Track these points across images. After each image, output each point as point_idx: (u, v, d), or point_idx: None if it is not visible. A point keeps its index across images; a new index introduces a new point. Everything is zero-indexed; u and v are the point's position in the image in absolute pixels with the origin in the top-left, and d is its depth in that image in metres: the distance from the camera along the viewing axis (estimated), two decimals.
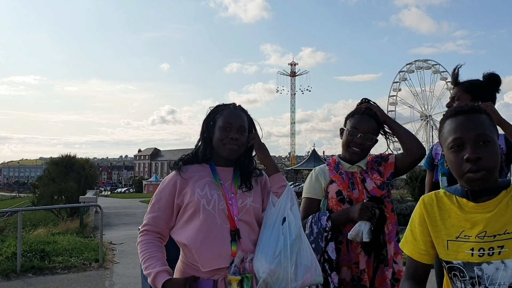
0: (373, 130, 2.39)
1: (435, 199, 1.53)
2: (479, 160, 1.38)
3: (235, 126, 2.04)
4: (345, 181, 2.35)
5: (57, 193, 27.58)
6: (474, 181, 1.40)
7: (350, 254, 2.29)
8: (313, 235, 2.30)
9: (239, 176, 2.09)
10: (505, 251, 1.37)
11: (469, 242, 1.42)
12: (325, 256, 2.23)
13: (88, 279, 6.79)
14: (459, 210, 1.47)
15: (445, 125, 1.49)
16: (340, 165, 2.43)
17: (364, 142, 2.37)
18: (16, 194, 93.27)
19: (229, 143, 2.02)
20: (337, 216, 2.30)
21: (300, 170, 53.53)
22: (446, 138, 1.46)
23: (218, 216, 1.96)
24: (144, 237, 2.01)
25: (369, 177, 2.37)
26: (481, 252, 1.39)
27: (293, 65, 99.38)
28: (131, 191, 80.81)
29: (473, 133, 1.40)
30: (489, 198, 1.43)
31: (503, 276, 1.37)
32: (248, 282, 1.89)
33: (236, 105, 2.14)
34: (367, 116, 2.40)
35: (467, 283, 1.42)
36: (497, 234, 1.38)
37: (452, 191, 1.52)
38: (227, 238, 1.95)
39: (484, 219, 1.41)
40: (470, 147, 1.39)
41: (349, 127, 2.41)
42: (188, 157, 2.10)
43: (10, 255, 7.44)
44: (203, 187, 2.00)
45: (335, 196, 2.35)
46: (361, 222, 2.21)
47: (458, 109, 1.48)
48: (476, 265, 1.40)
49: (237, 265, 1.90)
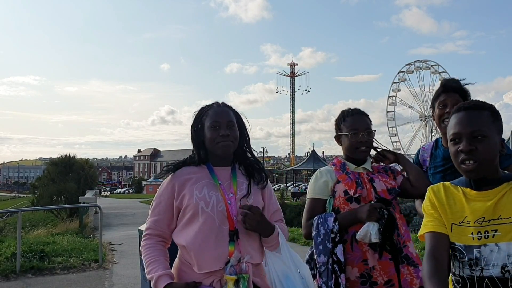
0: (370, 125, 2.48)
1: (442, 188, 1.67)
2: (472, 152, 1.54)
3: (223, 123, 2.04)
4: (352, 180, 2.36)
5: (56, 193, 27.61)
6: (468, 171, 1.56)
7: (356, 253, 2.28)
8: (320, 236, 2.30)
9: (245, 172, 2.10)
10: (499, 235, 1.51)
11: (470, 227, 1.56)
12: (334, 257, 2.23)
13: (87, 279, 6.79)
14: (464, 198, 1.61)
15: (450, 120, 1.65)
16: (346, 165, 2.45)
17: (368, 139, 2.43)
18: (16, 195, 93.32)
19: (222, 141, 2.02)
20: (344, 217, 2.30)
21: (299, 170, 53.56)
22: (448, 132, 1.63)
23: (216, 217, 1.96)
24: (147, 242, 2.03)
25: (378, 179, 2.41)
26: (479, 235, 1.54)
27: (293, 66, 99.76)
28: (130, 191, 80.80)
29: (470, 129, 1.56)
30: (490, 188, 1.57)
31: (496, 257, 1.51)
32: (244, 282, 1.89)
33: (219, 102, 2.14)
34: (360, 115, 2.48)
35: (465, 263, 1.56)
36: (492, 219, 1.53)
37: (456, 182, 1.67)
38: (226, 239, 1.96)
39: (483, 207, 1.56)
40: (465, 141, 1.55)
41: (349, 129, 2.43)
42: (184, 161, 2.11)
43: (10, 256, 7.44)
44: (201, 189, 2.00)
45: (343, 195, 2.35)
46: (369, 223, 2.21)
47: (462, 105, 1.63)
48: (476, 248, 1.54)
49: (233, 265, 1.91)
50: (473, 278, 1.54)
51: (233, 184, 2.05)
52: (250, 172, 2.12)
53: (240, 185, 2.06)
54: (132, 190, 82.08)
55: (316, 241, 2.31)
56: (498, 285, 1.50)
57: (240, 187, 2.06)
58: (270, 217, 2.14)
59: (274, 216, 2.18)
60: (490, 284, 1.51)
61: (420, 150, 2.76)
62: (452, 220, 1.60)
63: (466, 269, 1.56)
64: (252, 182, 2.10)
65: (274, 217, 2.17)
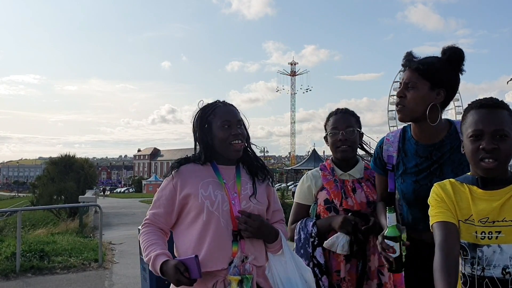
0: (352, 124, 2.40)
1: (449, 184, 1.66)
2: (494, 150, 1.53)
3: (234, 122, 2.03)
4: (338, 189, 2.35)
5: (56, 193, 27.63)
6: (487, 169, 1.54)
7: (332, 262, 2.29)
8: (301, 240, 2.35)
9: (249, 171, 2.09)
10: (502, 236, 1.52)
11: (475, 225, 1.56)
12: (314, 261, 2.26)
13: (87, 279, 6.78)
14: (470, 196, 1.60)
15: (468, 115, 1.62)
16: (335, 171, 2.42)
17: (348, 138, 2.36)
18: (15, 194, 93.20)
19: (234, 139, 2.00)
20: (321, 223, 2.33)
21: (300, 170, 53.58)
22: (467, 128, 1.60)
23: (222, 217, 1.95)
24: (146, 228, 2.04)
25: (362, 189, 2.35)
26: (483, 235, 1.54)
27: (293, 65, 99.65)
28: (130, 191, 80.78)
29: (492, 127, 1.54)
30: (498, 188, 1.57)
31: (498, 258, 1.52)
32: (247, 283, 1.88)
33: (225, 101, 2.13)
34: (342, 113, 2.44)
35: (467, 261, 1.57)
36: (496, 221, 1.53)
37: (462, 179, 1.65)
38: (229, 239, 1.94)
39: (489, 207, 1.55)
40: (487, 138, 1.54)
41: (330, 128, 2.42)
42: (188, 158, 2.09)
43: (10, 255, 7.43)
44: (207, 188, 1.97)
45: (323, 204, 2.36)
46: (339, 234, 2.21)
47: (483, 102, 1.61)
48: (479, 247, 1.55)
49: (237, 265, 1.89)
50: (473, 277, 1.56)
51: (237, 184, 2.04)
52: (253, 171, 2.10)
53: (244, 185, 2.05)
54: (132, 190, 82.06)
55: (298, 245, 2.36)
56: (498, 286, 1.51)
57: (244, 186, 2.04)
58: (271, 216, 2.14)
59: (275, 216, 2.17)
60: (490, 284, 1.52)
61: (383, 142, 2.18)
62: (459, 217, 1.59)
63: (467, 267, 1.57)
64: (256, 181, 2.08)
65: (274, 217, 2.16)
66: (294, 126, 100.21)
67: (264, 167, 2.15)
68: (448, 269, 1.44)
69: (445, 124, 2.06)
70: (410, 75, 1.99)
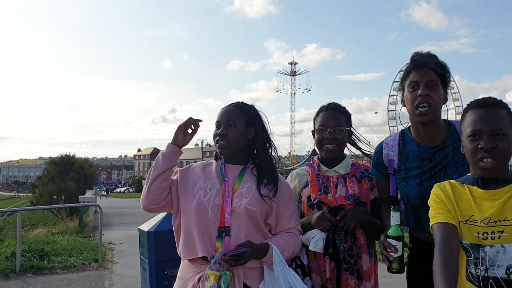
0: (342, 123, 2.31)
1: (448, 185, 1.66)
2: (493, 149, 1.53)
3: (222, 122, 2.08)
4: (318, 185, 2.29)
5: (56, 192, 27.63)
6: (486, 169, 1.54)
7: (319, 261, 2.24)
8: None
9: (256, 173, 2.07)
10: (505, 236, 1.51)
11: (477, 226, 1.55)
12: (297, 261, 2.18)
13: (87, 279, 6.77)
14: (470, 196, 1.60)
15: (467, 115, 1.63)
16: (320, 167, 2.36)
17: (336, 137, 2.28)
18: (15, 194, 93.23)
19: (219, 140, 2.07)
20: (304, 221, 2.25)
21: None
22: (466, 128, 1.61)
23: (211, 209, 1.98)
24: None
25: (343, 184, 2.27)
26: (485, 235, 1.53)
27: (293, 65, 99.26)
28: (130, 191, 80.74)
29: (491, 127, 1.54)
30: (498, 187, 1.57)
31: (502, 258, 1.52)
32: (226, 279, 1.87)
33: (232, 103, 2.15)
34: (332, 110, 2.34)
35: (471, 262, 1.56)
36: (498, 220, 1.53)
37: (462, 180, 1.65)
38: (215, 233, 1.96)
39: (490, 207, 1.55)
40: (486, 138, 1.54)
41: (317, 126, 2.35)
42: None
43: (10, 255, 7.43)
44: (206, 181, 2.06)
45: (306, 201, 2.31)
46: (314, 230, 2.17)
47: (482, 102, 1.62)
48: (482, 247, 1.54)
49: (217, 260, 1.89)
50: (478, 277, 1.55)
51: (237, 183, 2.05)
52: (261, 173, 2.07)
53: (243, 184, 2.04)
54: (132, 190, 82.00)
55: None
56: (503, 286, 1.51)
57: (242, 185, 2.04)
58: (275, 224, 2.09)
59: (280, 224, 2.10)
60: (495, 284, 1.52)
61: (382, 147, 2.18)
62: (459, 217, 1.59)
63: (471, 268, 1.56)
64: (261, 185, 2.04)
65: (279, 225, 2.10)
66: (294, 126, 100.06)
67: (272, 173, 2.09)
68: (448, 270, 1.44)
69: (445, 125, 2.07)
70: (430, 73, 1.98)
